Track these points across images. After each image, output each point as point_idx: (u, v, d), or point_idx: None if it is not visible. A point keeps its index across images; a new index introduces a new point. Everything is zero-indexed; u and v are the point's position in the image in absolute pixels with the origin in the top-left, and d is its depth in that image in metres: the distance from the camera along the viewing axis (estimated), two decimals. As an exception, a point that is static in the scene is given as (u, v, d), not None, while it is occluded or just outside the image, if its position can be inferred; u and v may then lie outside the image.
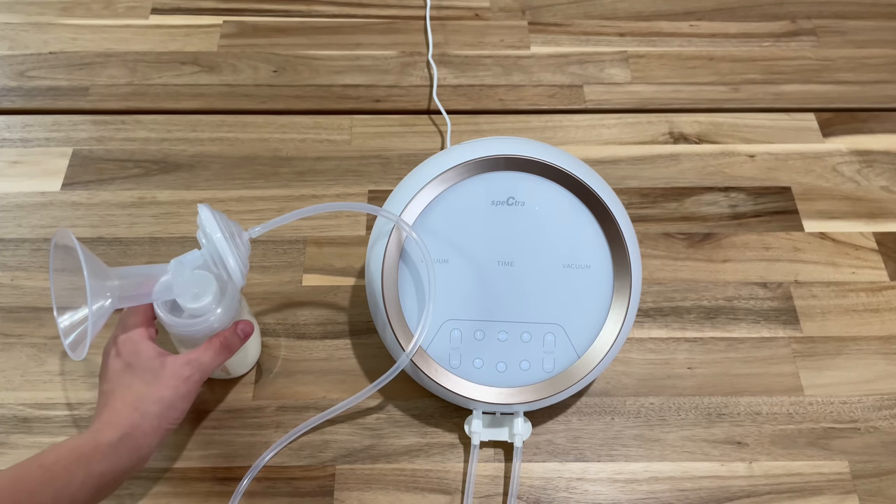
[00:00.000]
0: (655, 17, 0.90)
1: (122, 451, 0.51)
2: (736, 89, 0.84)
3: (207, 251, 0.53)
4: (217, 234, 0.52)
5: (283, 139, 0.78)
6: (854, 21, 0.90)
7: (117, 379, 0.54)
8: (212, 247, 0.53)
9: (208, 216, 0.53)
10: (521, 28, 0.88)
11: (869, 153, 0.79)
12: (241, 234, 0.55)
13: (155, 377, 0.53)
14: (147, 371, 0.53)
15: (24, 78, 0.82)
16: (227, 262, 0.53)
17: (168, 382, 0.53)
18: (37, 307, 0.67)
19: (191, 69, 0.83)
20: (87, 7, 0.88)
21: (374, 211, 0.58)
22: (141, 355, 0.54)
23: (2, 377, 0.63)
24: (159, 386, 0.53)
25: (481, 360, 0.58)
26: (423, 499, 0.59)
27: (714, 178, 0.76)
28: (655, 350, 0.66)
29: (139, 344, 0.55)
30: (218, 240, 0.52)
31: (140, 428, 0.52)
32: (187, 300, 0.55)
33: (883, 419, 0.63)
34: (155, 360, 0.54)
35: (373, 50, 0.85)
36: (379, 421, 0.62)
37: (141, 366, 0.54)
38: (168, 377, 0.53)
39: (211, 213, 0.53)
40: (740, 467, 0.61)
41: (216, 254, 0.53)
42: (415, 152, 0.77)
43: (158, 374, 0.53)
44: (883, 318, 0.68)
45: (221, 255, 0.52)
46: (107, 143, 0.77)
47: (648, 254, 0.71)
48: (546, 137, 0.79)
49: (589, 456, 0.61)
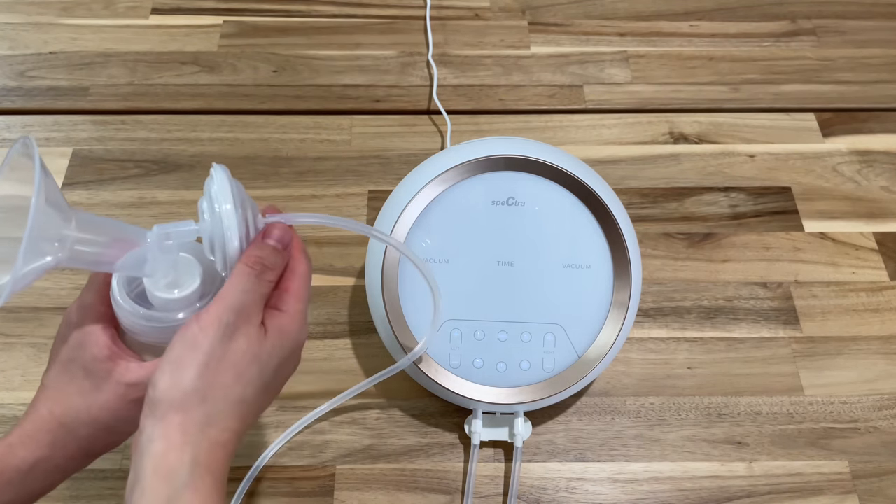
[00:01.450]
0: (655, 17, 0.90)
1: (37, 475, 0.40)
2: (736, 89, 0.84)
3: (208, 226, 0.40)
4: (227, 206, 0.40)
5: (283, 139, 0.78)
6: (854, 21, 0.90)
7: (54, 376, 0.42)
8: (216, 222, 0.40)
9: (223, 180, 0.40)
10: (522, 28, 0.88)
11: (869, 153, 0.79)
12: (256, 216, 0.42)
13: (95, 387, 0.40)
14: (88, 375, 0.41)
15: (24, 78, 0.82)
16: (228, 247, 0.40)
17: (108, 399, 0.40)
18: (37, 307, 0.67)
19: (191, 69, 0.83)
20: (87, 7, 0.88)
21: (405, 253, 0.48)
22: (85, 350, 0.41)
23: (2, 377, 0.63)
24: (97, 400, 0.40)
25: (481, 360, 0.58)
26: (423, 499, 0.59)
27: (714, 178, 0.76)
28: (655, 350, 0.66)
29: (88, 333, 0.41)
30: (226, 213, 0.40)
31: (64, 449, 0.41)
32: (159, 286, 0.42)
33: (883, 419, 0.63)
34: (101, 362, 0.41)
35: (373, 50, 0.85)
36: (379, 421, 0.62)
37: (82, 366, 0.41)
38: (110, 391, 0.40)
39: (227, 178, 0.41)
40: (740, 467, 0.61)
41: (218, 232, 0.40)
42: (415, 152, 0.77)
43: (100, 384, 0.40)
44: (883, 318, 0.68)
45: (225, 235, 0.40)
46: (107, 143, 0.77)
47: (648, 254, 0.71)
48: (546, 137, 0.79)
49: (589, 456, 0.61)
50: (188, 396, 0.37)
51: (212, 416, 0.38)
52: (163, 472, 0.36)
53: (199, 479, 0.36)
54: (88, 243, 0.39)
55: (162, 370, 0.38)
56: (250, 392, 0.39)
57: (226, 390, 0.38)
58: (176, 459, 0.36)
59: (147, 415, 0.38)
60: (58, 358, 0.42)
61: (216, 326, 0.38)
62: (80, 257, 0.39)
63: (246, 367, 0.39)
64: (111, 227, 0.41)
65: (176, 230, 0.41)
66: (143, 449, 0.37)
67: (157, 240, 0.41)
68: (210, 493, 0.36)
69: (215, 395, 0.38)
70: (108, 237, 0.40)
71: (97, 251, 0.39)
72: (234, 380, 0.39)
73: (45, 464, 0.41)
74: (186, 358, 0.38)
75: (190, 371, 0.38)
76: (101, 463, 0.59)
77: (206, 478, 0.36)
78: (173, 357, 0.38)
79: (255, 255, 0.40)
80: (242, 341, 0.39)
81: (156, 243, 0.41)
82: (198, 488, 0.36)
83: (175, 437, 0.37)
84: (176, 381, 0.38)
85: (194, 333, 0.38)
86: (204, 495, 0.36)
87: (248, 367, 0.39)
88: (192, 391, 0.37)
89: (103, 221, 0.41)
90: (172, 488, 0.35)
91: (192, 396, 0.37)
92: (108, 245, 0.40)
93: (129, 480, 0.37)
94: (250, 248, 0.41)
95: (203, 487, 0.36)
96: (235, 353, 0.39)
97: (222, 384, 0.38)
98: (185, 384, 0.37)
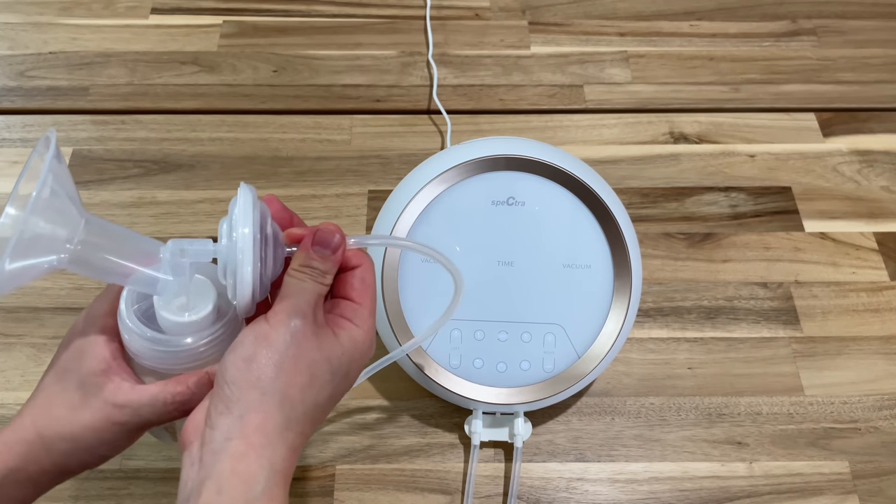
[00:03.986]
0: (656, 16, 0.90)
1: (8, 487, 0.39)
2: (736, 89, 0.83)
3: (224, 250, 0.38)
4: (246, 230, 0.37)
5: (283, 139, 0.78)
6: (854, 21, 0.90)
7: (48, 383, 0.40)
8: (231, 247, 0.38)
9: (248, 202, 0.38)
10: (522, 28, 0.88)
11: (869, 153, 0.79)
12: (278, 246, 0.40)
13: (83, 402, 0.39)
14: (79, 387, 0.39)
15: (24, 78, 0.82)
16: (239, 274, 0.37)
17: (93, 418, 0.39)
18: (37, 307, 0.67)
19: (191, 69, 0.83)
20: (87, 7, 0.88)
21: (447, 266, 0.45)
22: (83, 360, 0.40)
23: (2, 377, 0.63)
24: (82, 417, 0.39)
25: (481, 360, 0.58)
26: (423, 499, 0.59)
27: (714, 177, 0.76)
28: (656, 350, 0.66)
29: (89, 343, 0.40)
30: (244, 237, 0.37)
31: (38, 463, 0.39)
32: (170, 307, 0.40)
33: (883, 419, 0.63)
34: (95, 375, 0.39)
35: (373, 50, 0.85)
36: (379, 421, 0.62)
37: (76, 377, 0.39)
38: (97, 409, 0.39)
39: (252, 200, 0.38)
40: (740, 467, 0.61)
41: (233, 258, 0.38)
42: (415, 152, 0.77)
43: (89, 399, 0.39)
44: (883, 318, 0.68)
45: (237, 262, 0.37)
46: (107, 143, 0.77)
47: (648, 254, 0.71)
48: (546, 137, 0.79)
49: (589, 456, 0.61)
50: (267, 397, 0.36)
51: (291, 419, 0.37)
52: (242, 474, 0.35)
53: (275, 486, 0.35)
54: (96, 248, 0.37)
55: (236, 366, 0.37)
56: (323, 396, 0.39)
57: (303, 393, 0.37)
58: (255, 463, 0.35)
59: (222, 412, 0.36)
60: (56, 364, 0.41)
61: (286, 325, 0.37)
62: (86, 262, 0.37)
63: (319, 370, 0.38)
64: (124, 236, 0.39)
65: (192, 248, 0.39)
66: (218, 446, 0.35)
67: (170, 256, 0.39)
68: (283, 500, 0.36)
69: (293, 397, 0.37)
70: (119, 244, 0.38)
71: (105, 258, 0.37)
72: (308, 382, 0.38)
73: (18, 475, 0.39)
74: (261, 355, 0.37)
75: (267, 370, 0.36)
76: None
77: (281, 485, 0.36)
78: (246, 354, 0.37)
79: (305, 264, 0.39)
80: (314, 341, 0.38)
81: (169, 259, 0.39)
82: (273, 496, 0.35)
83: (255, 440, 0.35)
84: (254, 379, 0.36)
85: (265, 331, 0.37)
86: (278, 502, 0.36)
87: (321, 370, 0.38)
88: (271, 392, 0.36)
89: (117, 229, 0.39)
90: (250, 493, 0.35)
91: (271, 398, 0.36)
92: (118, 253, 0.38)
93: (191, 474, 0.36)
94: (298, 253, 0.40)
95: (277, 494, 0.35)
96: (309, 355, 0.38)
97: (300, 386, 0.37)
98: (264, 383, 0.36)
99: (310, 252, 0.40)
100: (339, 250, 0.40)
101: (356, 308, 0.41)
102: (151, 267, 0.39)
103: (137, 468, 0.59)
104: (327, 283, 0.40)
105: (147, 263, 0.39)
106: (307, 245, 0.40)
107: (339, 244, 0.40)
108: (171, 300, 0.40)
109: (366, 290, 0.41)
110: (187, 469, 0.36)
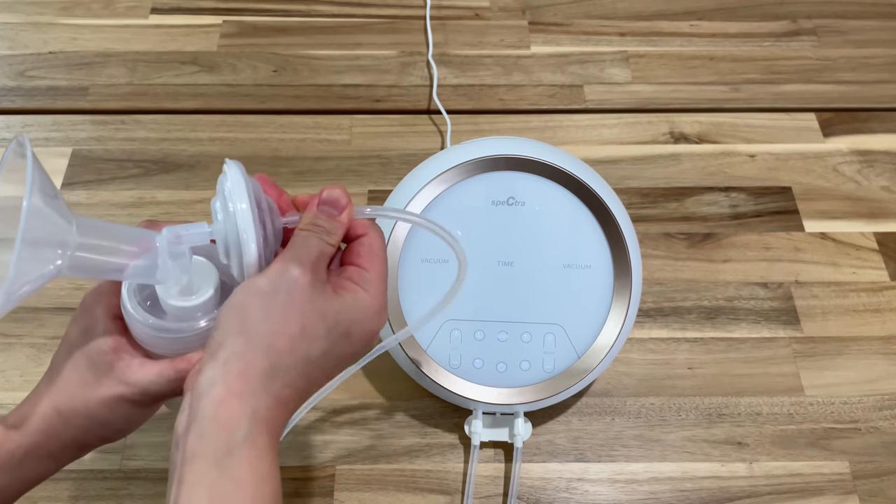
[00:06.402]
0: (656, 16, 0.90)
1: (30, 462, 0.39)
2: (736, 89, 0.83)
3: (222, 228, 0.38)
4: (242, 205, 0.37)
5: (283, 139, 0.78)
6: (854, 21, 0.90)
7: (60, 359, 0.41)
8: (230, 223, 0.37)
9: (237, 177, 0.38)
10: (522, 28, 0.88)
11: (869, 153, 0.79)
12: (275, 217, 0.40)
13: (95, 380, 0.39)
14: (90, 366, 0.40)
15: (24, 78, 0.82)
16: (244, 250, 0.37)
17: (107, 395, 0.39)
18: (36, 307, 0.67)
19: (190, 69, 0.83)
20: (86, 7, 0.88)
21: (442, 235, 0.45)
22: (91, 338, 0.40)
23: (1, 377, 0.63)
24: (96, 394, 0.39)
25: (481, 361, 0.58)
26: (423, 499, 0.59)
27: (714, 178, 0.76)
28: (656, 350, 0.66)
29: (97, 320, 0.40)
30: (242, 213, 0.37)
31: (58, 438, 0.40)
32: (172, 294, 0.40)
33: (884, 419, 0.63)
34: (105, 354, 0.40)
35: (373, 50, 0.85)
36: (379, 421, 0.62)
37: (86, 354, 0.40)
38: (110, 387, 0.39)
39: (242, 174, 0.38)
40: (741, 468, 0.61)
41: (233, 234, 0.37)
42: (415, 152, 0.77)
43: (101, 377, 0.39)
44: (883, 318, 0.68)
45: (241, 238, 0.37)
46: (106, 143, 0.77)
47: (649, 254, 0.71)
48: (546, 137, 0.78)
49: (589, 456, 0.61)
50: (252, 344, 0.36)
51: (277, 367, 0.36)
52: (223, 420, 0.34)
53: (258, 433, 0.35)
54: (92, 249, 0.37)
55: (226, 314, 0.37)
56: (316, 351, 0.37)
57: (292, 343, 0.37)
58: (236, 409, 0.35)
59: (209, 357, 0.36)
60: (67, 340, 0.41)
61: (279, 274, 0.37)
62: (83, 265, 0.37)
63: (311, 322, 0.37)
64: (116, 232, 0.38)
65: (187, 233, 0.39)
66: (202, 391, 0.35)
67: (166, 244, 0.38)
68: (267, 451, 0.35)
69: (280, 345, 0.36)
70: (114, 242, 0.38)
71: (102, 258, 0.37)
72: (299, 333, 0.37)
73: (39, 450, 0.40)
74: (250, 302, 0.36)
75: (254, 316, 0.36)
76: (101, 463, 0.59)
77: (264, 434, 0.35)
78: (236, 301, 0.37)
79: (311, 222, 0.40)
80: (309, 292, 0.37)
81: (166, 248, 0.38)
82: (255, 443, 0.34)
83: (237, 385, 0.35)
84: (241, 325, 0.36)
85: (258, 281, 0.37)
86: (261, 451, 0.35)
87: (313, 323, 0.37)
88: (257, 338, 0.36)
89: (107, 226, 0.38)
90: (232, 438, 0.34)
91: (256, 344, 0.36)
92: (114, 251, 0.38)
93: (182, 420, 0.36)
94: (305, 214, 0.40)
95: (261, 443, 0.35)
96: (301, 306, 0.37)
97: (288, 335, 0.36)
98: (249, 329, 0.36)
99: (316, 212, 0.40)
100: (345, 211, 0.41)
101: (362, 272, 0.40)
102: (149, 257, 0.39)
103: (137, 468, 0.59)
104: (332, 242, 0.40)
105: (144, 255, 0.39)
106: (314, 205, 0.40)
107: (345, 205, 0.41)
108: (172, 287, 0.40)
109: (373, 256, 0.41)
110: (179, 415, 0.36)
